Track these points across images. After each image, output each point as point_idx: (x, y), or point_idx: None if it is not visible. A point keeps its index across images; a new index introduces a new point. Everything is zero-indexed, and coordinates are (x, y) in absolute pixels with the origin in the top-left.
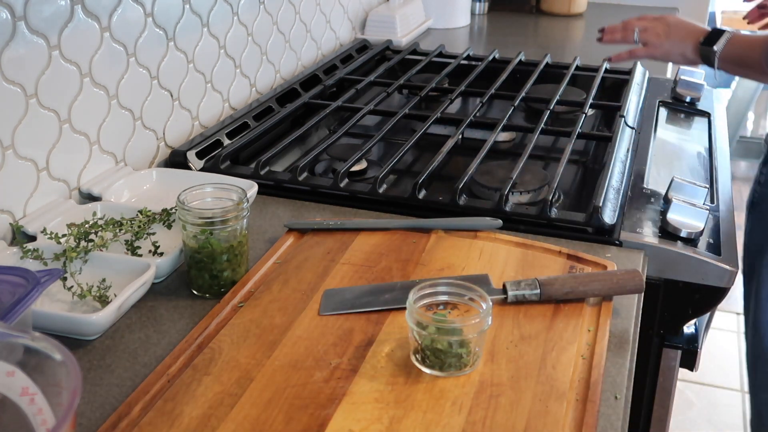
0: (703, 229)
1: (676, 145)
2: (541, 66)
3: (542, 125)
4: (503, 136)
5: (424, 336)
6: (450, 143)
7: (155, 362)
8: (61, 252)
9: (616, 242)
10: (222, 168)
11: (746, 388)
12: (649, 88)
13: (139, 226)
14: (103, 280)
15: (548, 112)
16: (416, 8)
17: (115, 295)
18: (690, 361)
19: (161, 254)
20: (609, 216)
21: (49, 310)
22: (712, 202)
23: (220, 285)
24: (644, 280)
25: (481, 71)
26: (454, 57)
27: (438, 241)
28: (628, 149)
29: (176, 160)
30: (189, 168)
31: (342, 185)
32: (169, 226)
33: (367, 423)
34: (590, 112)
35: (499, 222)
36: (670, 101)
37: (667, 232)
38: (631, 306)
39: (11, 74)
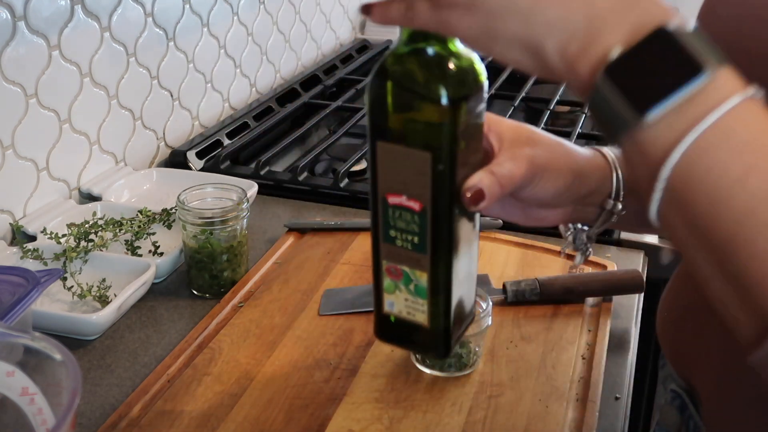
0: None
1: None
2: None
3: (542, 125)
4: None
5: None
6: None
7: (155, 362)
8: (61, 252)
9: (616, 242)
10: (222, 168)
11: None
12: None
13: (139, 226)
14: (103, 280)
15: (548, 112)
16: None
17: (115, 295)
18: None
19: (161, 254)
20: None
21: (49, 310)
22: None
23: (220, 285)
24: (644, 280)
25: None
26: None
27: None
28: None
29: (176, 160)
30: (189, 168)
31: (342, 185)
32: (169, 226)
33: (367, 423)
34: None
35: (500, 222)
36: None
37: None
38: (631, 306)
39: (11, 74)
